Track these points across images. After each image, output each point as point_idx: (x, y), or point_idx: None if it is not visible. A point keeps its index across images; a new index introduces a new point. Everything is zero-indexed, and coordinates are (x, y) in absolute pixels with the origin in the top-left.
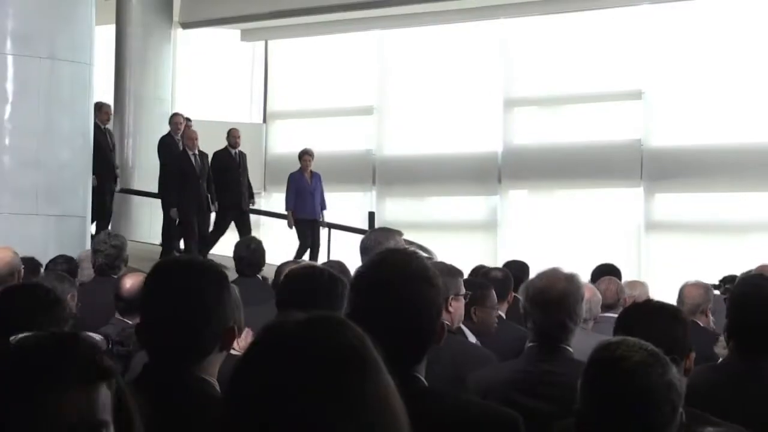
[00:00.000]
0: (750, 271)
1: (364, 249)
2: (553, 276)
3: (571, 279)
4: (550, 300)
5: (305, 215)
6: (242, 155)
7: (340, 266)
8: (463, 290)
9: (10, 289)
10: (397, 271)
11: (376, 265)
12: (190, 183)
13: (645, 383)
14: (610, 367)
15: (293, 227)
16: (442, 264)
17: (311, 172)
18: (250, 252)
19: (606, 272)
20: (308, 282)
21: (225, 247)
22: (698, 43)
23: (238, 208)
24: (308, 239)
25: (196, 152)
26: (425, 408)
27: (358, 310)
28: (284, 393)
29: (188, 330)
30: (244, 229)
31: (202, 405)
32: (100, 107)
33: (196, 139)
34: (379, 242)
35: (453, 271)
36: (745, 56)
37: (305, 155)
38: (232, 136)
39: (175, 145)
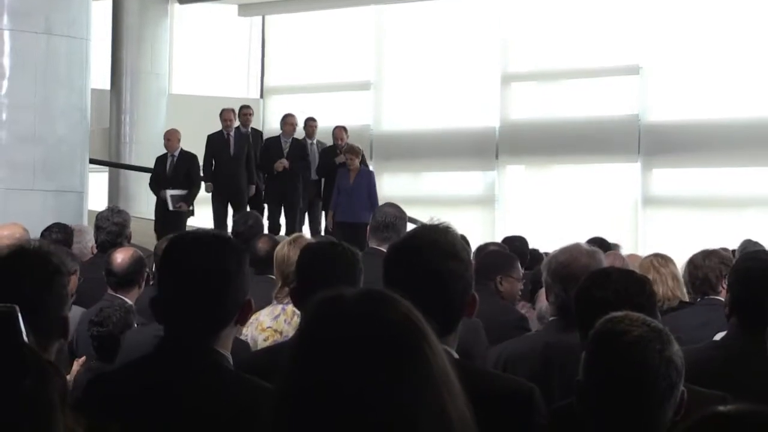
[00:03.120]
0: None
1: (383, 225)
2: (575, 251)
3: (593, 254)
4: (572, 275)
5: None
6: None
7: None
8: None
9: (8, 256)
10: (426, 245)
11: (409, 239)
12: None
13: (642, 358)
14: (609, 340)
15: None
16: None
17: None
18: (247, 227)
19: (597, 246)
20: (328, 256)
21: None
22: (696, 18)
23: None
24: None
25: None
26: None
27: (390, 283)
28: (346, 366)
29: (208, 304)
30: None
31: (219, 378)
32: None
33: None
34: (397, 216)
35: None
36: (743, 31)
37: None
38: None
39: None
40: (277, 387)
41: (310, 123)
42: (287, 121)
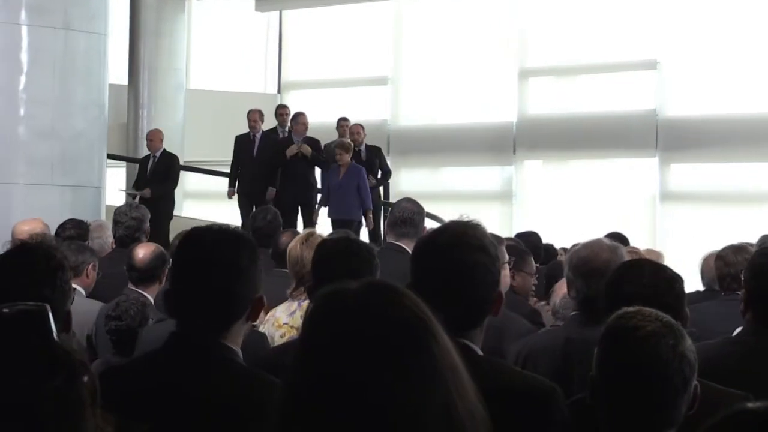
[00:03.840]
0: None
1: (401, 221)
2: (597, 246)
3: (615, 250)
4: (594, 270)
5: None
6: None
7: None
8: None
9: (11, 252)
10: (455, 241)
11: (437, 234)
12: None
13: (655, 354)
14: (622, 336)
15: None
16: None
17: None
18: (266, 223)
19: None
20: (344, 252)
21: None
22: (714, 13)
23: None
24: None
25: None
26: (470, 375)
27: (417, 278)
28: (351, 361)
29: (219, 299)
30: None
31: (229, 374)
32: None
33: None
34: (415, 211)
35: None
36: (761, 25)
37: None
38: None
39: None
40: (283, 382)
41: (341, 123)
42: (299, 120)
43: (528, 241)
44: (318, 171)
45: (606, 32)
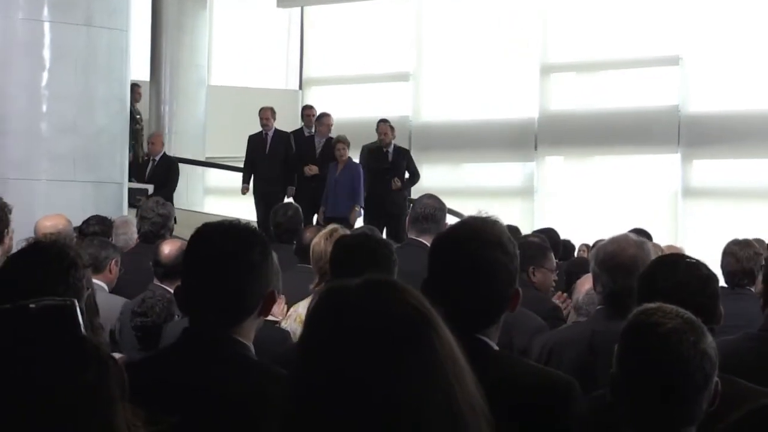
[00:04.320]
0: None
1: (422, 217)
2: (623, 241)
3: (641, 245)
4: (620, 264)
5: None
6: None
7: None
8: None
9: (24, 250)
10: (473, 236)
11: (455, 230)
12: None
13: (677, 350)
14: (643, 332)
15: None
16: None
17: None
18: (287, 218)
19: None
20: (361, 248)
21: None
22: (737, 9)
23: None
24: None
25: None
26: (485, 371)
27: (434, 274)
28: (351, 357)
29: (230, 294)
30: None
31: (241, 369)
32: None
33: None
34: (436, 207)
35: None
36: None
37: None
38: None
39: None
40: (289, 377)
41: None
42: (323, 121)
43: (547, 237)
44: None
45: (628, 28)
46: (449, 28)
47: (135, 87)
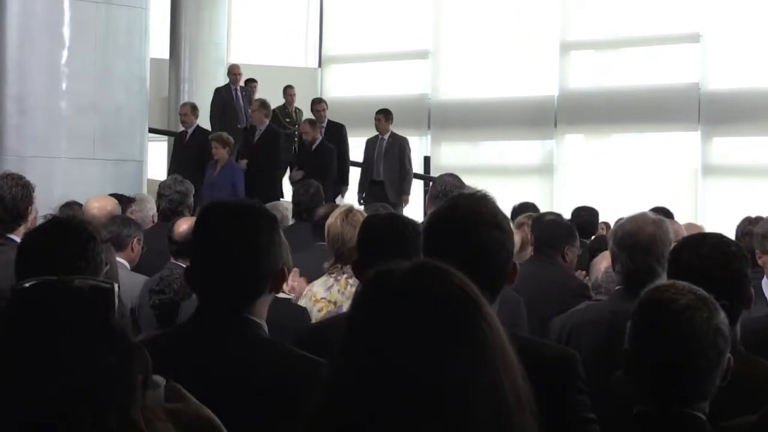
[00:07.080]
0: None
1: (443, 194)
2: (642, 220)
3: (660, 224)
4: (638, 244)
5: None
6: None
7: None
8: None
9: (43, 225)
10: (468, 214)
11: (449, 209)
12: None
13: (690, 327)
14: (656, 308)
15: None
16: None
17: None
18: (308, 196)
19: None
20: (390, 229)
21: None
22: None
23: None
24: None
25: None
26: None
27: (430, 253)
28: (400, 341)
29: (240, 272)
30: None
31: (253, 347)
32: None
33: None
34: (456, 185)
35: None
36: None
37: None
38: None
39: None
40: (332, 360)
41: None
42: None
43: (581, 216)
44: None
45: (648, 5)
46: (468, 5)
47: (288, 89)
